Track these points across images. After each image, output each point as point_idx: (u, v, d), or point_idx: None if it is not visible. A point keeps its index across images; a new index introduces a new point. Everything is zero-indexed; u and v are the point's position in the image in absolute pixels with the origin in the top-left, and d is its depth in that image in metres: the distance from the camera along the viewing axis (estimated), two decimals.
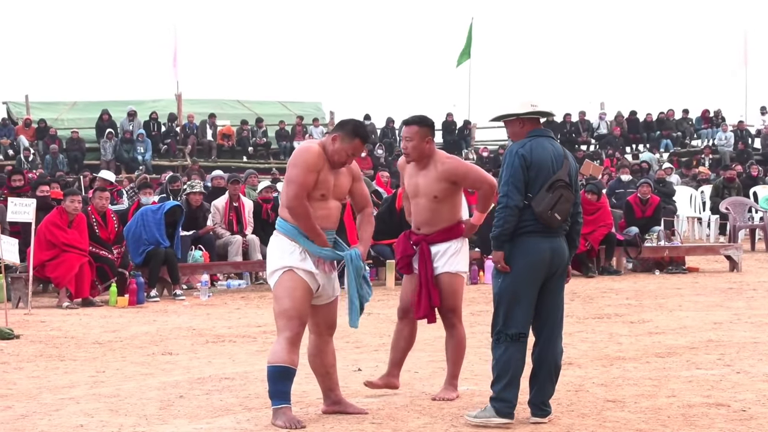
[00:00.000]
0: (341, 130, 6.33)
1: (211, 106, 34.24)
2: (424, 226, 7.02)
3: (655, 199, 17.90)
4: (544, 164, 6.18)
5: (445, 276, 6.98)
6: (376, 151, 31.21)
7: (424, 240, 6.97)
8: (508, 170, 6.16)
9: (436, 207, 6.97)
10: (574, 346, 9.26)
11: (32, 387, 7.72)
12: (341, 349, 9.20)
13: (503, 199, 6.13)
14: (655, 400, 6.91)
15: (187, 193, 15.49)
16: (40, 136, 30.83)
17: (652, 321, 11.01)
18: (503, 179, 6.17)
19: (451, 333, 7.10)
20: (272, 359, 6.21)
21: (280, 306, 6.26)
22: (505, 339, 6.16)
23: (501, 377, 6.17)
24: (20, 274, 12.92)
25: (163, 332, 10.61)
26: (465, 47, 34.50)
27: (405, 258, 7.08)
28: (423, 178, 7.00)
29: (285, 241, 6.32)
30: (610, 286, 14.82)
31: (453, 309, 7.04)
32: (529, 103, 6.35)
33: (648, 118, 34.11)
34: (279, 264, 6.30)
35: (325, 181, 6.29)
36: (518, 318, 6.16)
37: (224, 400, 7.08)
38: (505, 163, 6.20)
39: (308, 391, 7.17)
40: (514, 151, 6.18)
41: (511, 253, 6.16)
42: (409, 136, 6.97)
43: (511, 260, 6.16)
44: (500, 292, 6.22)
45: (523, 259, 6.15)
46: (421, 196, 7.00)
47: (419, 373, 7.95)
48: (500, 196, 6.17)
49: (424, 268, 6.94)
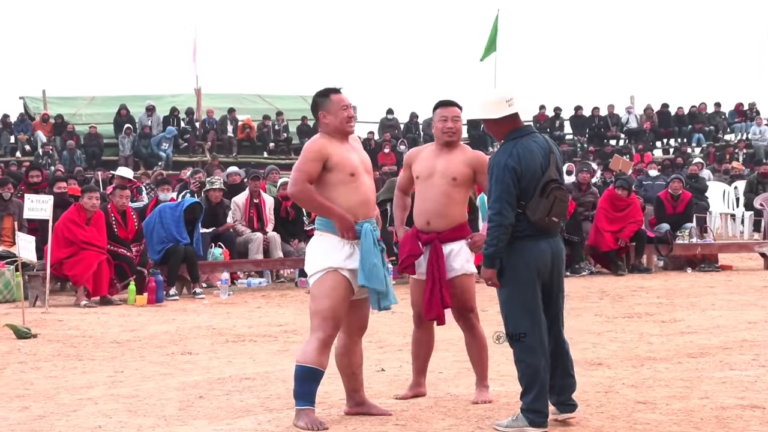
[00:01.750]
0: (318, 108, 6.34)
1: (231, 101, 34.29)
2: (434, 218, 6.91)
3: (687, 195, 17.82)
4: (534, 169, 6.07)
5: (461, 278, 6.93)
6: (399, 146, 31.20)
7: (437, 238, 6.89)
8: (498, 186, 6.01)
9: (450, 193, 6.87)
10: (604, 346, 9.22)
11: (50, 387, 7.75)
12: (364, 348, 9.16)
13: (496, 218, 6.00)
14: (688, 401, 6.87)
15: (207, 190, 15.53)
16: (57, 132, 30.96)
17: (684, 320, 10.96)
18: (494, 195, 6.02)
19: (472, 334, 7.05)
20: (302, 359, 6.18)
21: (316, 305, 6.22)
22: (522, 353, 6.12)
23: (530, 388, 6.12)
24: (37, 272, 12.99)
25: (183, 331, 10.64)
26: (490, 40, 34.40)
27: (410, 258, 6.96)
28: (444, 161, 6.94)
29: (329, 238, 6.25)
30: (641, 284, 14.77)
31: (471, 309, 7.00)
32: (504, 100, 6.18)
33: (680, 112, 33.97)
34: (321, 265, 6.22)
35: (345, 158, 6.24)
36: (531, 328, 6.11)
37: (245, 401, 7.08)
38: (494, 177, 6.04)
39: (330, 391, 7.16)
40: (502, 164, 6.03)
41: (511, 258, 6.08)
42: (456, 115, 7.03)
43: (511, 266, 6.09)
44: (506, 300, 6.17)
45: (525, 263, 6.08)
46: (438, 176, 6.90)
47: (444, 374, 7.94)
48: (492, 213, 6.02)
49: (436, 268, 6.85)
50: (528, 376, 6.11)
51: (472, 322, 7.04)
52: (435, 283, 6.86)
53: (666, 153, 32.90)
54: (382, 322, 10.59)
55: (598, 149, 32.01)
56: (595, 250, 16.60)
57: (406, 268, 7.03)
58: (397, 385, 7.56)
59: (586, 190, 17.61)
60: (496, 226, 6.02)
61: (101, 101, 34.68)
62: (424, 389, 7.18)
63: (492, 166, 6.11)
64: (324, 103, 6.32)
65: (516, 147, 6.11)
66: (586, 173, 18.00)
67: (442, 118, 7.07)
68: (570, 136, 34.17)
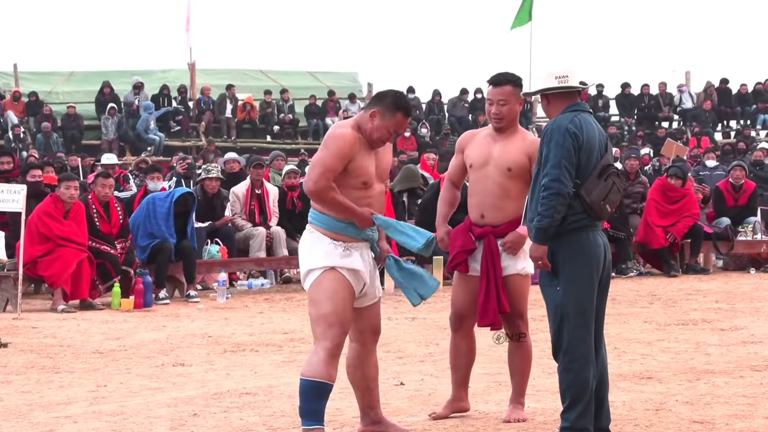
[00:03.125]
0: (379, 104, 6.32)
1: (230, 77, 34.34)
2: (489, 211, 6.91)
3: (750, 184, 17.78)
4: (593, 146, 6.11)
5: (516, 278, 6.92)
6: (420, 129, 31.22)
7: (492, 233, 6.89)
8: (559, 150, 6.03)
9: (505, 184, 6.87)
10: (655, 357, 9.22)
11: (22, 404, 7.78)
12: (381, 359, 9.17)
13: (554, 185, 5.99)
14: (751, 421, 6.86)
15: (202, 179, 15.55)
16: (31, 112, 31.06)
17: (746, 328, 10.94)
18: (552, 161, 6.03)
19: (517, 344, 7.05)
20: (307, 372, 6.18)
21: (318, 310, 6.22)
22: (572, 362, 6.09)
23: (576, 402, 6.09)
24: (8, 273, 13.02)
25: (174, 340, 10.67)
26: (522, 7, 34.33)
27: (463, 253, 6.97)
28: (500, 148, 6.91)
29: (322, 236, 6.30)
30: (697, 287, 14.75)
31: (521, 315, 6.99)
32: (554, 76, 6.24)
33: (742, 90, 33.86)
34: (317, 263, 6.24)
35: (364, 166, 6.29)
36: (585, 335, 6.09)
37: (245, 419, 7.10)
38: (553, 141, 6.06)
39: (342, 408, 7.18)
40: (563, 128, 6.06)
41: (566, 254, 6.08)
42: (503, 98, 6.92)
43: (568, 263, 6.09)
44: (562, 305, 6.15)
45: (583, 261, 6.08)
46: (492, 166, 6.89)
47: (471, 388, 7.93)
48: (549, 180, 6.01)
49: (492, 266, 6.85)
50: (575, 389, 6.08)
51: (521, 330, 7.02)
52: (491, 283, 6.83)
53: (726, 137, 32.79)
54: (401, 330, 10.59)
55: (648, 133, 31.95)
56: (645, 248, 16.58)
57: (458, 265, 7.00)
58: (418, 401, 7.57)
59: (635, 179, 17.60)
60: (553, 194, 6.00)
61: (81, 77, 34.75)
62: (466, 404, 7.15)
63: (550, 130, 6.11)
64: (387, 110, 6.31)
65: (577, 116, 6.15)
66: (634, 160, 17.99)
67: (489, 101, 7.03)
68: (616, 118, 34.12)
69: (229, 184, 16.21)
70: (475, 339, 7.19)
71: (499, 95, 6.93)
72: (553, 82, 6.26)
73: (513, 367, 7.08)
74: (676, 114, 34.00)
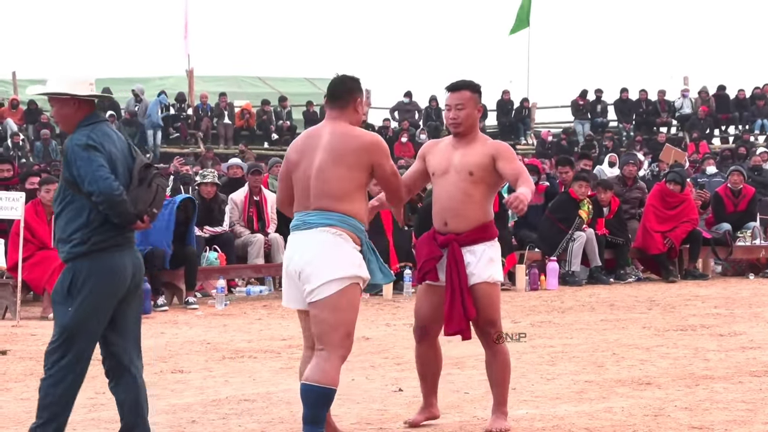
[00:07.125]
0: (351, 95, 6.84)
1: (228, 84, 34.44)
2: (452, 219, 6.85)
3: (750, 190, 17.78)
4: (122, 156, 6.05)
5: (483, 286, 6.83)
6: (418, 135, 31.21)
7: (456, 240, 6.84)
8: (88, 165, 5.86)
9: (468, 189, 6.81)
10: (653, 363, 9.22)
11: (21, 411, 7.77)
12: (379, 365, 9.21)
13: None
14: (750, 427, 6.86)
15: (198, 184, 15.56)
16: (30, 120, 31.09)
17: (745, 333, 10.94)
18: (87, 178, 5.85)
19: (493, 352, 6.95)
20: (322, 379, 6.06)
21: (342, 317, 6.11)
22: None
23: (53, 420, 6.11)
24: (7, 280, 13.00)
25: (173, 346, 10.66)
26: (520, 12, 34.39)
27: (431, 261, 6.90)
28: (461, 153, 6.88)
29: (347, 239, 6.21)
30: (696, 292, 14.74)
31: (494, 323, 6.90)
32: (89, 82, 6.16)
33: (740, 95, 33.90)
34: (348, 271, 6.15)
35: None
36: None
37: (243, 426, 7.10)
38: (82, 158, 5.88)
39: (340, 414, 7.17)
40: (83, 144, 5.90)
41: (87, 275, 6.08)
42: (460, 103, 6.90)
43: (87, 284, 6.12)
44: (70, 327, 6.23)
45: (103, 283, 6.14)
46: (453, 172, 6.85)
47: (470, 394, 7.94)
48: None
49: (456, 274, 6.79)
50: (58, 407, 6.15)
51: (494, 338, 6.98)
52: (456, 291, 6.77)
53: (725, 142, 32.85)
54: (400, 336, 10.59)
55: (646, 138, 31.98)
56: (643, 254, 16.58)
57: (427, 273, 6.94)
58: (416, 407, 7.52)
59: (632, 185, 17.60)
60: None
61: None
62: (436, 410, 7.13)
63: (72, 150, 5.95)
64: (343, 100, 6.76)
65: (92, 131, 6.01)
66: (632, 165, 17.98)
67: (447, 107, 7.03)
68: (614, 123, 34.14)
69: (232, 190, 16.21)
70: (440, 348, 7.11)
71: (457, 100, 6.92)
72: (79, 88, 6.14)
73: (492, 377, 6.99)
74: (675, 119, 34.02)
